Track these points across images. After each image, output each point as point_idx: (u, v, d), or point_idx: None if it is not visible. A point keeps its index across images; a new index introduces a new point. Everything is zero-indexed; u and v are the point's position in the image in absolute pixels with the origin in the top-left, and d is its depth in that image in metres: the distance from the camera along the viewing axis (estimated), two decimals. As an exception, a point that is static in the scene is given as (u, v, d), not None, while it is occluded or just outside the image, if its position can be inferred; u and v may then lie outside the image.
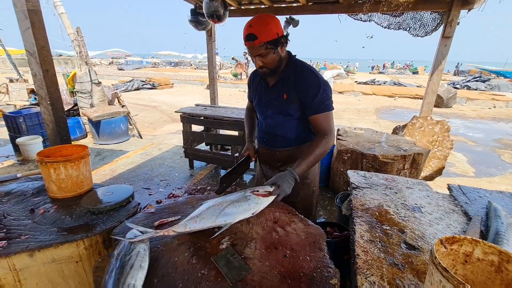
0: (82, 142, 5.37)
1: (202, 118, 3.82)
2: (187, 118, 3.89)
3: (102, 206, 1.31)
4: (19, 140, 4.29)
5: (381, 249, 1.07)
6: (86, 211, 1.31)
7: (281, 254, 1.04)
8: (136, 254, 0.94)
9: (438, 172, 3.47)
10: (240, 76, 16.17)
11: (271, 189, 1.27)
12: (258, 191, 1.26)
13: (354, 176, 1.77)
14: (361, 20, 3.55)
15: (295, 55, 1.44)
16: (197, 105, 4.48)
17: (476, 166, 4.60)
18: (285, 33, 1.33)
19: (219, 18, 3.46)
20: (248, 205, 1.19)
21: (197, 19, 3.81)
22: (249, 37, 1.26)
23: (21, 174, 1.73)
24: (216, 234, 1.12)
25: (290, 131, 1.49)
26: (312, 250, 1.06)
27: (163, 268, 0.96)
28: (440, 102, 9.83)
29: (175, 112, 4.10)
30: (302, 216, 1.29)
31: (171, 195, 3.37)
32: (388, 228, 1.21)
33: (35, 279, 1.10)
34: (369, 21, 3.53)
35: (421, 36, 3.44)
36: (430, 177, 3.51)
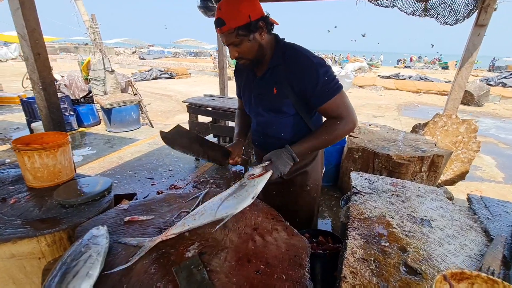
0: (95, 128, 5.46)
1: (208, 109, 3.71)
2: (193, 109, 3.79)
3: (72, 199, 1.22)
4: (34, 125, 4.42)
5: (374, 272, 0.90)
6: (57, 203, 1.24)
7: (254, 269, 0.89)
8: (85, 259, 0.83)
9: (461, 176, 3.15)
10: None
11: (266, 164, 1.14)
12: (253, 174, 1.14)
13: (358, 179, 1.57)
14: (382, 6, 3.22)
15: (284, 39, 1.21)
16: (205, 95, 4.37)
17: (506, 171, 4.17)
18: (265, 14, 1.10)
19: (228, 4, 3.27)
20: (246, 191, 1.08)
21: (206, 4, 3.64)
22: (217, 23, 1.05)
23: (9, 160, 1.69)
24: (217, 227, 1.04)
25: (285, 131, 1.28)
26: (291, 267, 0.91)
27: (116, 277, 0.85)
28: (470, 100, 9.11)
29: (182, 102, 4.02)
30: (288, 224, 1.13)
31: (172, 186, 3.31)
32: (387, 244, 1.03)
33: (-6, 274, 1.04)
34: (391, 7, 3.20)
35: (450, 24, 3.07)
36: (451, 181, 3.19)
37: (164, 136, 1.12)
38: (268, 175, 1.12)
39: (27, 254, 1.05)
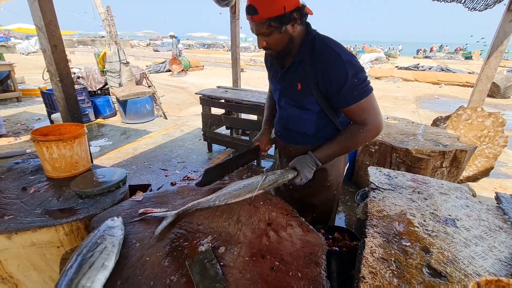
0: (111, 120, 5.58)
1: (222, 101, 3.68)
2: (206, 101, 3.78)
3: (88, 190, 1.24)
4: (54, 116, 4.56)
5: (395, 273, 0.85)
6: (74, 194, 1.26)
7: (268, 266, 0.87)
8: (100, 251, 0.84)
9: (485, 172, 2.99)
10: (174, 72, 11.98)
11: (289, 174, 1.18)
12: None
13: (376, 174, 1.51)
14: (404, -8, 3.05)
15: (315, 30, 1.12)
16: (218, 87, 4.34)
17: (535, 168, 3.93)
18: (300, 4, 1.03)
19: (241, -8, 3.20)
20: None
21: (219, -6, 3.58)
22: (249, 10, 0.99)
23: (30, 151, 1.74)
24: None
25: (308, 128, 1.23)
26: (306, 264, 0.88)
27: (130, 268, 0.85)
28: (495, 92, 8.61)
29: (195, 94, 4.01)
30: (303, 220, 1.10)
31: (186, 177, 3.34)
32: (408, 244, 0.98)
33: (15, 261, 1.07)
34: (414, -8, 3.02)
35: (479, 10, 2.88)
36: (474, 178, 3.04)
37: (201, 185, 1.26)
38: (290, 175, 1.18)
39: (47, 242, 1.08)
